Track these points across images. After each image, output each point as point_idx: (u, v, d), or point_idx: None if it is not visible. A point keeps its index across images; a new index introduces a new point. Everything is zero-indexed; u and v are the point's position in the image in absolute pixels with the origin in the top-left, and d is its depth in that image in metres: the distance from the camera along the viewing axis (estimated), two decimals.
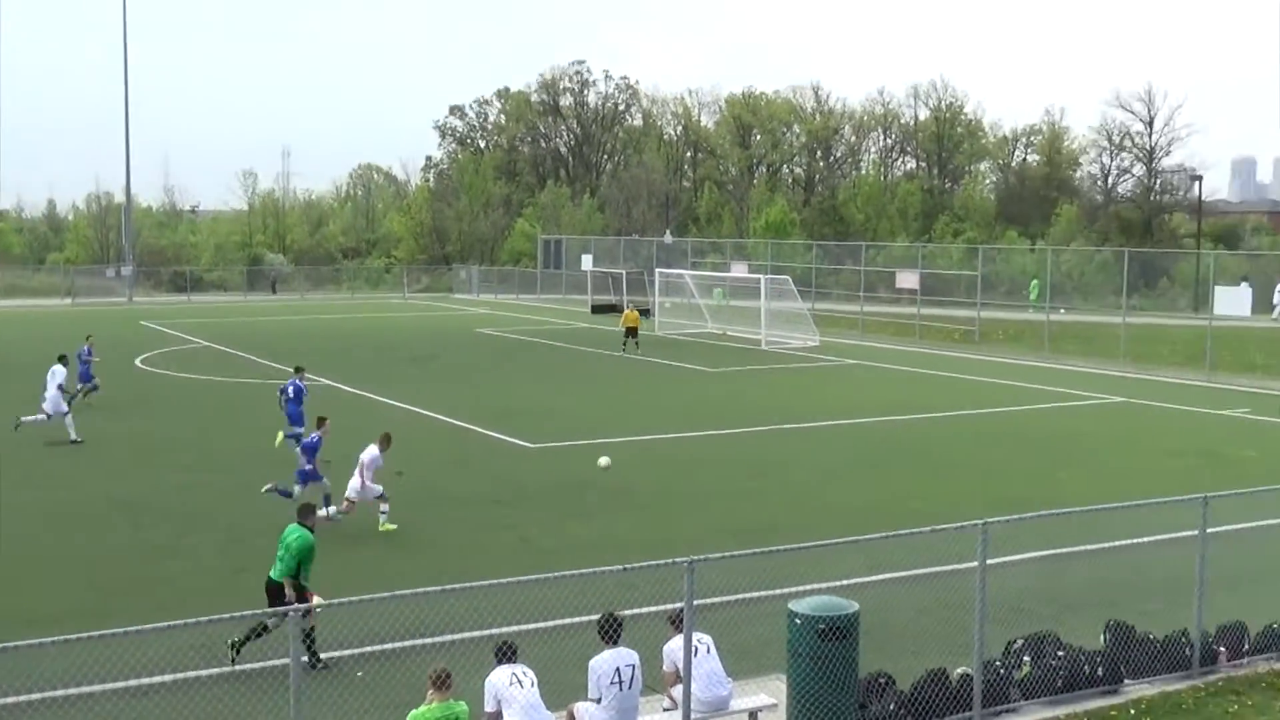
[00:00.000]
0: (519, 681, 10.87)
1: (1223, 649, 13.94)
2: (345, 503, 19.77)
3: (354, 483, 19.73)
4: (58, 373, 28.07)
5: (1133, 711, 12.62)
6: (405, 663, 13.08)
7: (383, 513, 19.67)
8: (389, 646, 13.57)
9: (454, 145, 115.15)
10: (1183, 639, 13.73)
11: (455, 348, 48.36)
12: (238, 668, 13.10)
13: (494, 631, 12.93)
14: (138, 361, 42.78)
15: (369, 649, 13.56)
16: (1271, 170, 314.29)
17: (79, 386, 31.64)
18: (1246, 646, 14.09)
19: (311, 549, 13.72)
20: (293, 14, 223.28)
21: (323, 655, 13.25)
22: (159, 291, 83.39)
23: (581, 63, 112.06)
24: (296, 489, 20.25)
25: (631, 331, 46.84)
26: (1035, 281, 53.72)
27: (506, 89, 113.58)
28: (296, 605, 11.85)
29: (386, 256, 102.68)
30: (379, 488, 19.72)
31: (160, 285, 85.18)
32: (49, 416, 27.58)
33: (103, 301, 75.45)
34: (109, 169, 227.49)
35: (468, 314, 67.85)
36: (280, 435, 25.30)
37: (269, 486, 20.73)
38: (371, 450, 19.81)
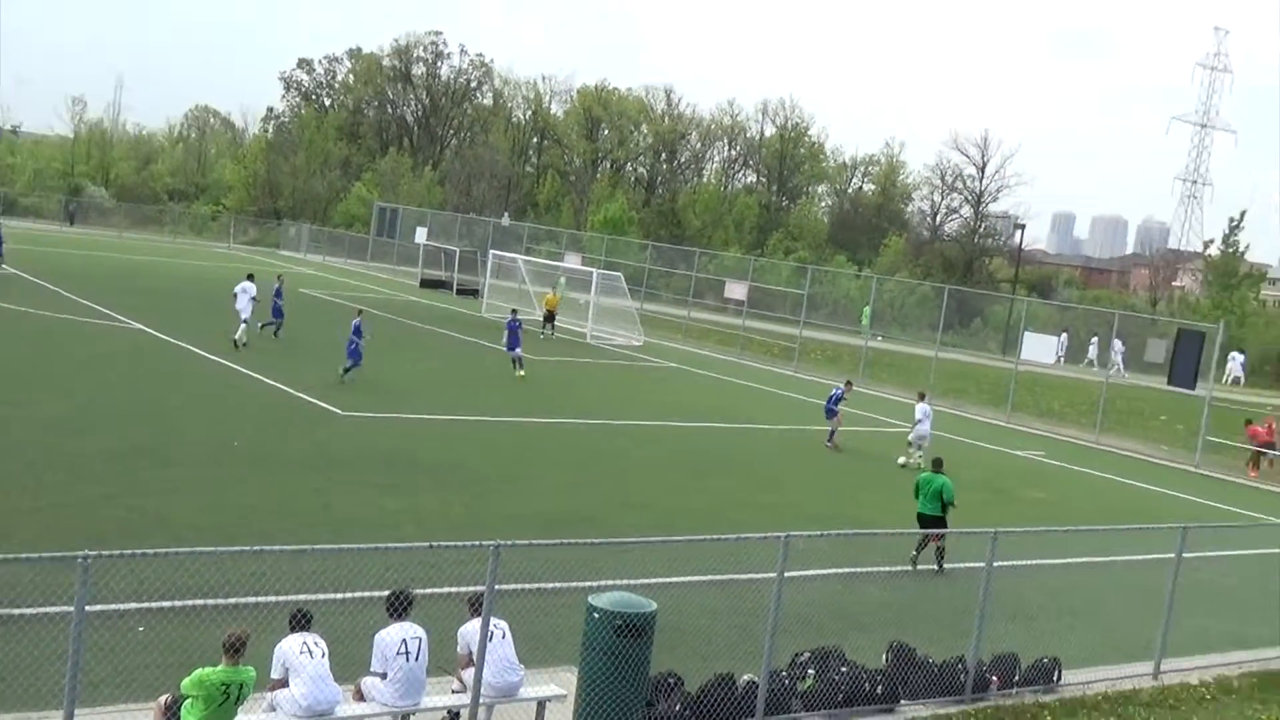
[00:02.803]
0: (309, 651, 10.71)
1: (995, 678, 14.54)
2: (911, 444, 29.33)
3: (923, 428, 29.29)
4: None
5: None
6: (192, 621, 12.79)
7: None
8: (176, 604, 13.21)
9: (298, 99, 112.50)
10: (959, 665, 14.28)
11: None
12: (17, 611, 12.60)
13: (290, 598, 12.73)
14: None
15: (154, 604, 13.16)
16: (1088, 227, 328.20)
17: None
18: (1017, 677, 14.72)
19: (951, 487, 19.83)
20: None
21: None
22: None
23: (439, 33, 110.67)
24: None
25: (550, 316, 48.14)
26: (867, 309, 55.37)
27: (358, 49, 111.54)
28: (939, 530, 19.07)
29: (215, 204, 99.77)
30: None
31: None
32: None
33: None
34: None
35: (294, 273, 66.40)
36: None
37: None
38: (923, 405, 29.68)
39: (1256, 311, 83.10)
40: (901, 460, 29.21)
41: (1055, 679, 14.99)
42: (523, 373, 35.36)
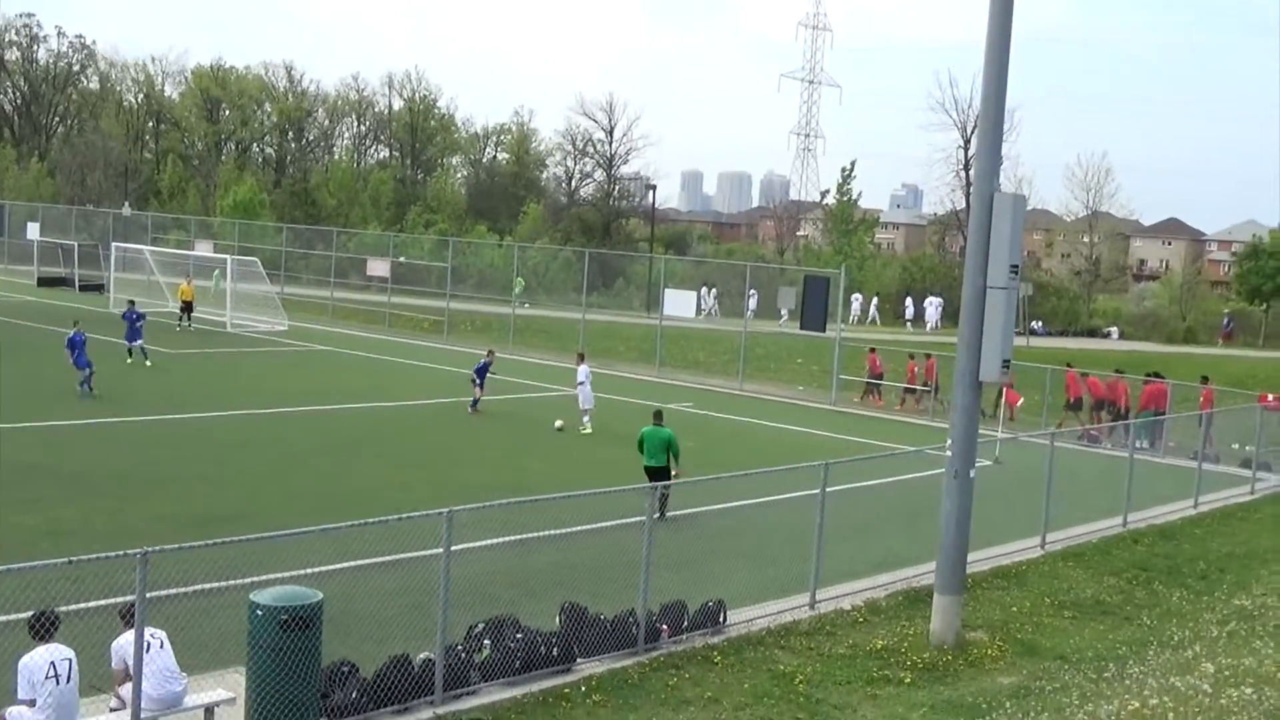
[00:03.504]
0: None
1: (665, 626, 14.94)
2: (585, 413, 29.61)
3: (587, 389, 29.67)
4: None
5: (584, 689, 13.25)
6: None
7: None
8: None
9: None
10: (630, 618, 14.59)
11: None
12: None
13: None
14: None
15: None
16: (715, 184, 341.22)
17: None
18: (686, 623, 15.18)
19: (675, 439, 21.05)
20: None
21: None
22: None
23: (31, 15, 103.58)
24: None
25: (187, 307, 46.39)
26: (519, 279, 55.93)
27: None
28: (668, 482, 19.26)
29: None
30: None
31: None
32: None
33: None
34: None
35: None
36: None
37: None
38: (585, 368, 30.31)
39: (873, 254, 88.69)
40: (559, 424, 29.54)
41: (721, 620, 15.56)
42: (150, 362, 34.37)
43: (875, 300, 70.66)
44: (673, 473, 20.57)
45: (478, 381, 31.27)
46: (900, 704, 13.47)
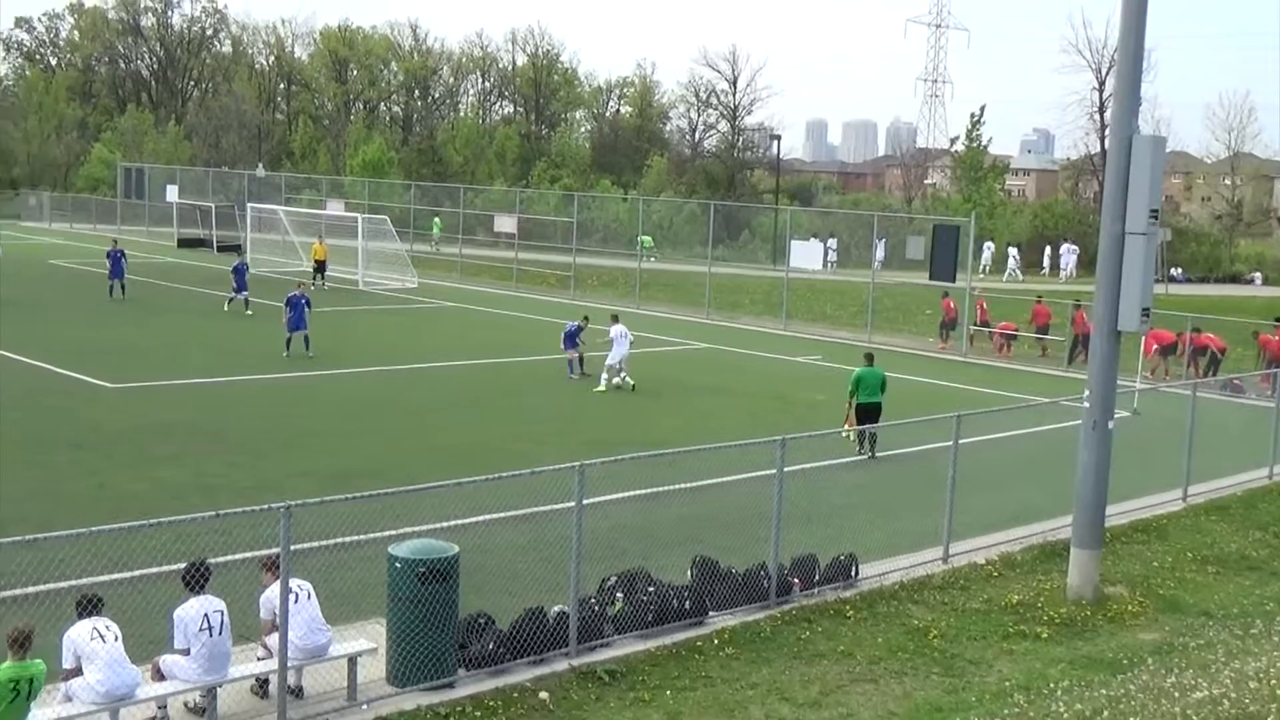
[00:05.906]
0: (101, 636, 10.24)
1: (796, 580, 14.92)
2: (609, 369, 28.34)
3: (621, 349, 28.34)
4: None
5: (716, 642, 13.31)
6: None
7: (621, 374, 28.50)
8: None
9: (21, 61, 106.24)
10: (761, 572, 14.59)
11: (25, 280, 44.80)
12: None
13: (75, 583, 12.13)
14: None
15: None
16: (840, 133, 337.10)
17: None
18: (817, 577, 15.14)
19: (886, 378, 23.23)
20: None
21: None
22: None
23: None
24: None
25: (320, 266, 47.48)
26: (647, 237, 55.95)
27: (80, 3, 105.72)
28: (864, 426, 22.00)
29: None
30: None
31: None
32: None
33: None
34: None
35: (39, 243, 63.03)
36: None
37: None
38: (620, 327, 28.67)
39: (1003, 202, 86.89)
40: (602, 386, 28.42)
41: (854, 574, 15.48)
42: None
43: (990, 246, 66.89)
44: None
45: (566, 347, 29.95)
46: (1037, 659, 13.29)
